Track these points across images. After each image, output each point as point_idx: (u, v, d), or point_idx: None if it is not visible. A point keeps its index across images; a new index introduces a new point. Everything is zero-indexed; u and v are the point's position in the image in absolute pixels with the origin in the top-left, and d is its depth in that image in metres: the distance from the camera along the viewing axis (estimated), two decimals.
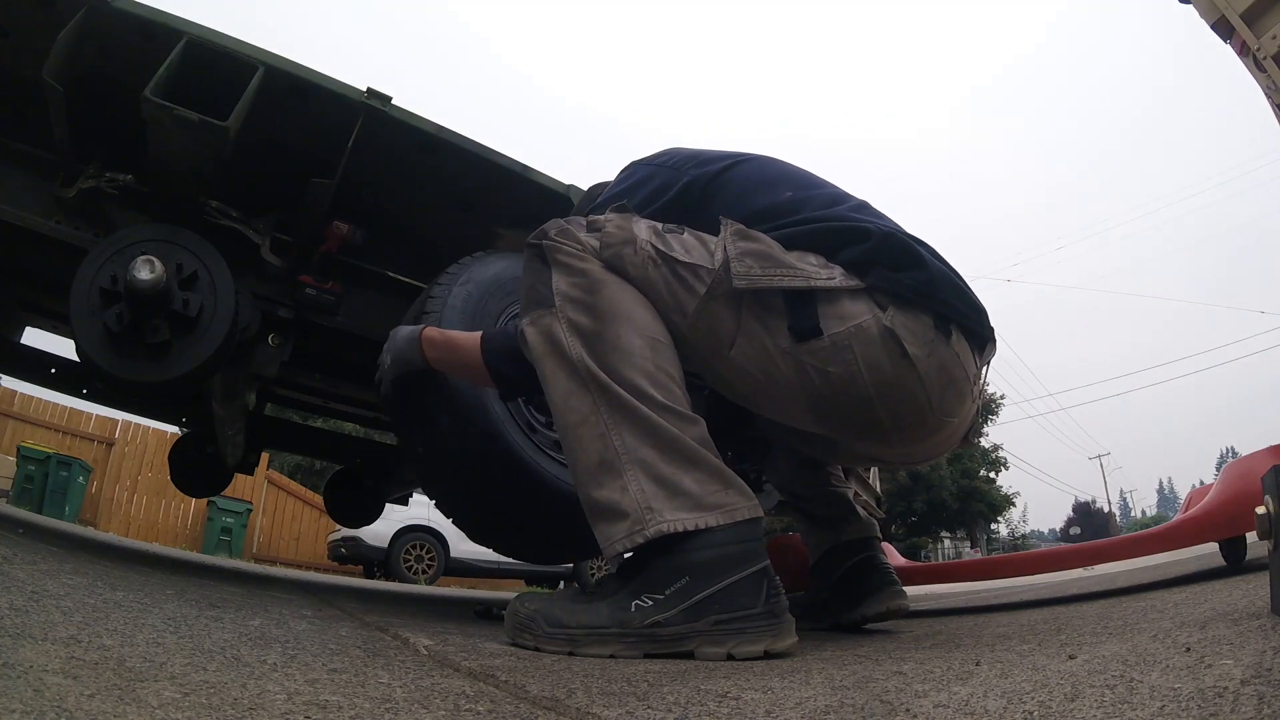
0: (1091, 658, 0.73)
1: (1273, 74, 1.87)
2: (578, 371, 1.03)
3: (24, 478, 7.62)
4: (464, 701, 0.61)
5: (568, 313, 1.05)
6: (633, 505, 0.97)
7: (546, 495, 1.48)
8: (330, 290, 1.79)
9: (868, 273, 1.04)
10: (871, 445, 1.22)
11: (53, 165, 1.63)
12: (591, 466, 1.01)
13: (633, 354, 1.02)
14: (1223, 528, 1.69)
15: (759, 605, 0.95)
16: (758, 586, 0.96)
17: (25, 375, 2.41)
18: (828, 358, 1.03)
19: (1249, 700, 0.49)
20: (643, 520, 0.96)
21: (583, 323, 1.04)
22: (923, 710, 0.56)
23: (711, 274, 1.04)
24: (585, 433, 1.02)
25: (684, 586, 0.95)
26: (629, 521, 0.97)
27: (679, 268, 1.06)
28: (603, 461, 1.00)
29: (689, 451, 0.99)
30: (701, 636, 0.94)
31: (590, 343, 1.03)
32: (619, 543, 0.98)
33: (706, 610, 0.94)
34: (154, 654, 0.67)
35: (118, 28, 1.48)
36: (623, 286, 1.06)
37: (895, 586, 1.40)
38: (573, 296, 1.06)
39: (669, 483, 0.98)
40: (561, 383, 1.04)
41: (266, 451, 6.08)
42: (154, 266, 1.43)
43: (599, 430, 1.00)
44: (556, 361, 1.05)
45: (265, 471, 10.84)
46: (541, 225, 1.14)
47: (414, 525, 8.62)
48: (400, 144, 1.72)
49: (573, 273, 1.07)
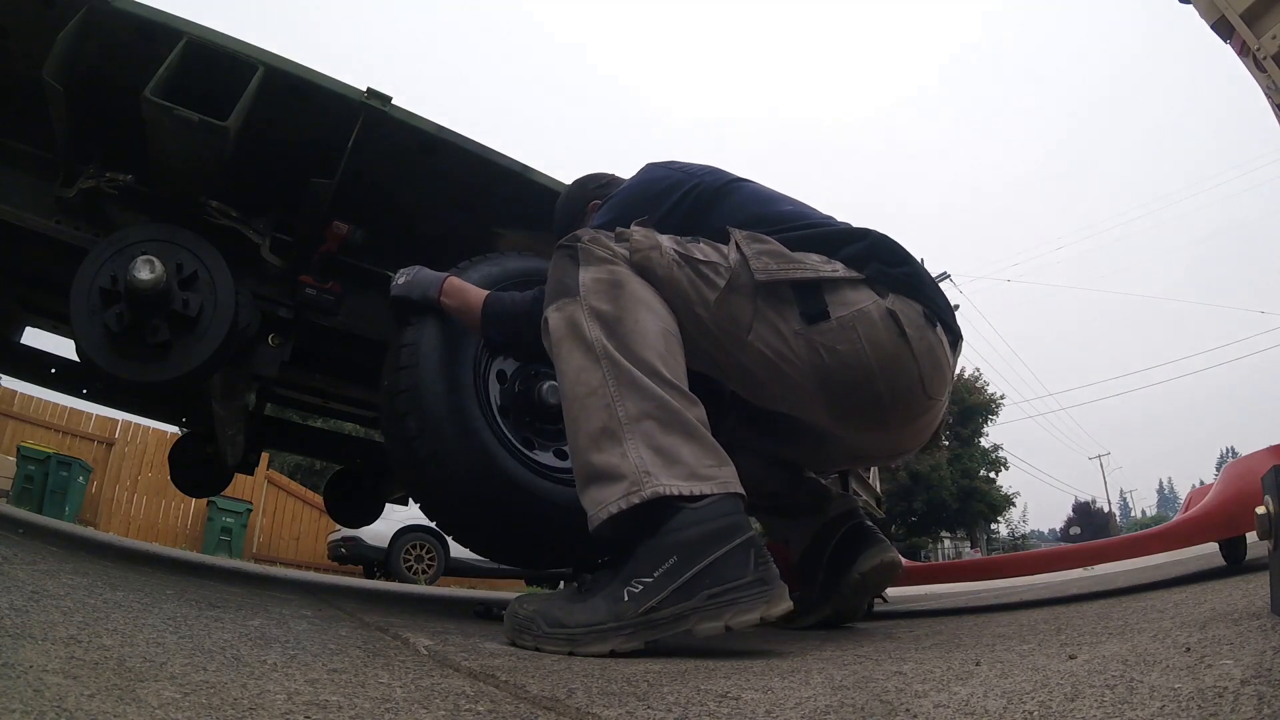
0: (1091, 658, 0.73)
1: (1273, 74, 1.87)
2: (593, 349, 1.09)
3: (24, 478, 7.62)
4: (464, 701, 0.61)
5: (591, 301, 1.12)
6: (631, 469, 1.01)
7: (520, 498, 1.51)
8: (330, 290, 1.79)
9: (866, 266, 1.19)
10: (865, 432, 1.30)
11: (53, 165, 1.63)
12: (594, 433, 1.05)
13: (647, 335, 1.10)
14: (1223, 528, 1.69)
15: (748, 574, 0.97)
16: (745, 556, 0.98)
17: (25, 375, 2.41)
18: (836, 337, 1.15)
19: (1249, 700, 0.49)
20: (640, 483, 1.00)
21: (605, 309, 1.11)
22: (923, 710, 0.56)
23: (729, 270, 1.16)
24: (592, 403, 1.06)
25: (673, 566, 0.96)
26: (625, 483, 1.00)
27: (700, 266, 1.17)
28: (605, 429, 1.04)
29: (689, 426, 1.05)
30: (697, 614, 0.95)
31: (609, 326, 1.10)
32: (614, 504, 1.00)
33: (698, 587, 0.95)
34: (154, 654, 0.67)
35: (118, 28, 1.48)
36: (645, 285, 1.15)
37: (885, 543, 1.45)
38: (598, 289, 1.13)
39: (667, 452, 1.02)
40: (576, 360, 1.10)
41: (266, 451, 6.08)
42: (154, 266, 1.43)
43: (604, 401, 1.05)
44: (573, 343, 1.11)
45: (265, 471, 10.83)
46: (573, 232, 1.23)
47: (414, 525, 8.62)
48: (400, 144, 1.72)
49: (601, 270, 1.15)
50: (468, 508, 1.52)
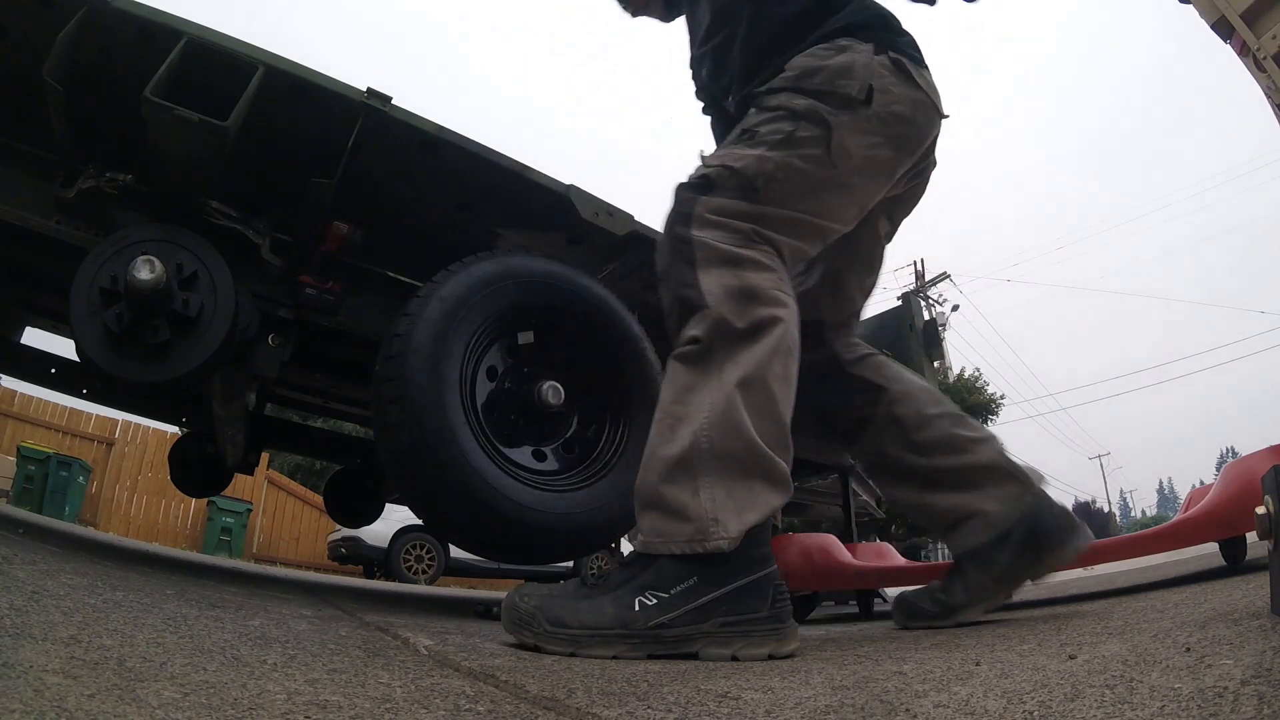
0: (1091, 658, 0.73)
1: (1273, 74, 1.87)
2: (710, 375, 1.05)
3: (24, 478, 7.61)
4: (464, 701, 0.61)
5: (724, 317, 1.08)
6: (699, 513, 0.99)
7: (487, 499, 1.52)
8: (330, 290, 1.79)
9: (860, 34, 1.26)
10: (913, 182, 1.38)
11: (53, 165, 1.63)
12: (669, 460, 1.02)
13: (772, 394, 1.06)
14: (1223, 528, 1.69)
15: (765, 609, 0.96)
16: (764, 590, 0.98)
17: (25, 375, 2.41)
18: (886, 100, 1.21)
19: (1249, 700, 0.49)
20: (705, 533, 0.98)
21: (735, 328, 1.07)
22: (923, 710, 0.56)
23: (814, 124, 1.18)
24: (681, 430, 1.03)
25: (691, 587, 0.96)
26: (691, 528, 0.99)
27: (796, 142, 1.17)
28: (682, 461, 1.02)
29: (771, 471, 1.04)
30: (706, 638, 0.94)
31: (740, 364, 1.06)
32: (675, 545, 0.99)
33: (713, 612, 0.95)
34: (154, 654, 0.67)
35: (118, 28, 1.48)
36: (773, 329, 1.10)
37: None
38: (729, 311, 1.09)
39: (741, 496, 1.00)
40: (688, 379, 1.07)
41: (266, 451, 6.08)
42: (154, 266, 1.43)
43: (693, 429, 1.02)
44: (697, 365, 1.07)
45: (265, 471, 10.83)
46: (683, 232, 1.16)
47: (414, 525, 8.60)
48: (400, 144, 1.72)
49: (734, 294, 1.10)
50: (438, 499, 1.54)
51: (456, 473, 1.50)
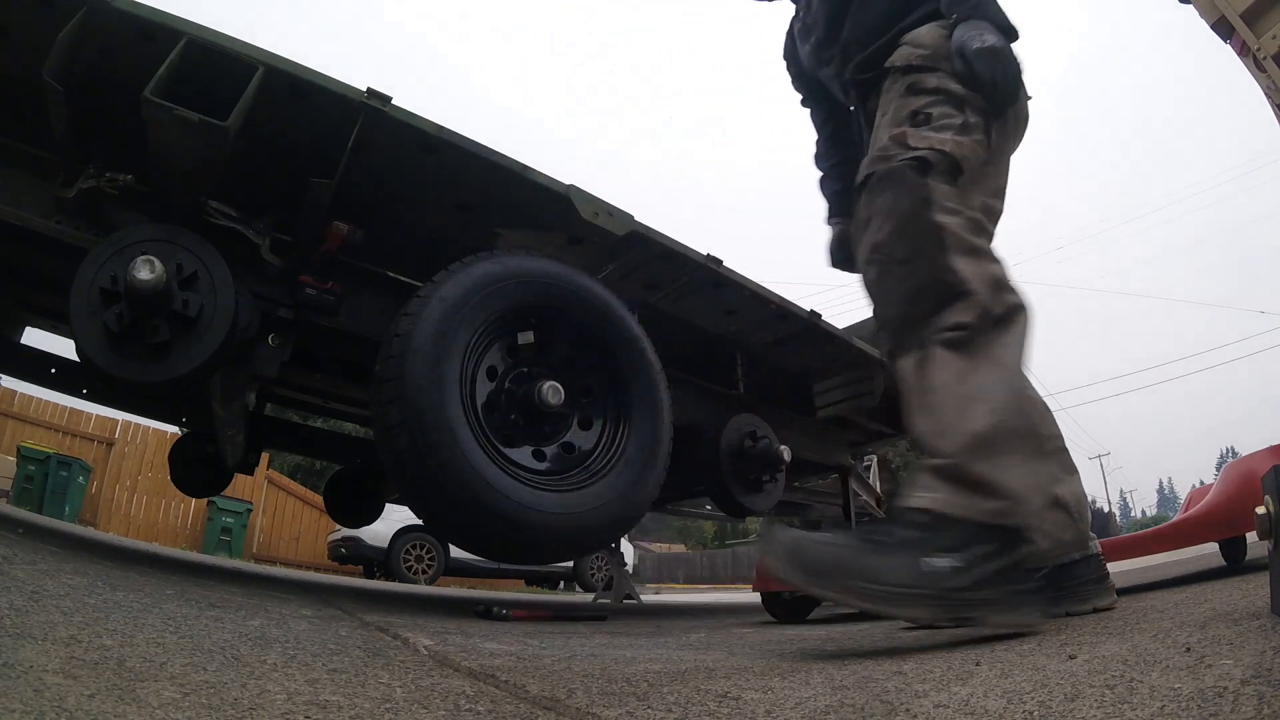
0: (1091, 658, 0.73)
1: (1273, 74, 1.87)
2: (981, 359, 1.08)
3: (24, 478, 7.60)
4: (464, 701, 0.61)
5: (987, 305, 1.11)
6: (1008, 491, 1.00)
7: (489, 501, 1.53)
8: (330, 290, 1.79)
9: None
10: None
11: (53, 165, 1.63)
12: (970, 435, 1.03)
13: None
14: (1223, 528, 1.69)
15: (1034, 581, 1.04)
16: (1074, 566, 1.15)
17: (25, 375, 2.41)
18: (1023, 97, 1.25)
19: (1249, 700, 0.49)
20: (1014, 512, 1.01)
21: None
22: (923, 710, 0.56)
23: (976, 112, 1.19)
24: (974, 409, 1.04)
25: (990, 552, 0.97)
26: (1000, 503, 1.00)
27: (969, 128, 1.18)
28: (982, 437, 1.02)
29: (1063, 452, 1.18)
30: (992, 605, 0.96)
31: (1006, 349, 1.10)
32: (980, 514, 0.99)
33: (1003, 580, 0.97)
34: (154, 654, 0.67)
35: (118, 28, 1.48)
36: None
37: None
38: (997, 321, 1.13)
39: (1044, 476, 1.09)
40: (961, 364, 1.09)
41: (266, 451, 6.08)
42: (154, 266, 1.43)
43: (990, 407, 1.04)
44: (966, 350, 1.09)
45: (265, 471, 10.82)
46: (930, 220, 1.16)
47: (414, 525, 8.59)
48: (400, 144, 1.72)
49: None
50: (438, 499, 1.54)
51: (456, 473, 1.50)
